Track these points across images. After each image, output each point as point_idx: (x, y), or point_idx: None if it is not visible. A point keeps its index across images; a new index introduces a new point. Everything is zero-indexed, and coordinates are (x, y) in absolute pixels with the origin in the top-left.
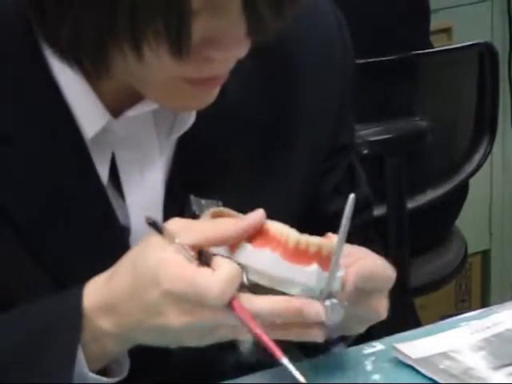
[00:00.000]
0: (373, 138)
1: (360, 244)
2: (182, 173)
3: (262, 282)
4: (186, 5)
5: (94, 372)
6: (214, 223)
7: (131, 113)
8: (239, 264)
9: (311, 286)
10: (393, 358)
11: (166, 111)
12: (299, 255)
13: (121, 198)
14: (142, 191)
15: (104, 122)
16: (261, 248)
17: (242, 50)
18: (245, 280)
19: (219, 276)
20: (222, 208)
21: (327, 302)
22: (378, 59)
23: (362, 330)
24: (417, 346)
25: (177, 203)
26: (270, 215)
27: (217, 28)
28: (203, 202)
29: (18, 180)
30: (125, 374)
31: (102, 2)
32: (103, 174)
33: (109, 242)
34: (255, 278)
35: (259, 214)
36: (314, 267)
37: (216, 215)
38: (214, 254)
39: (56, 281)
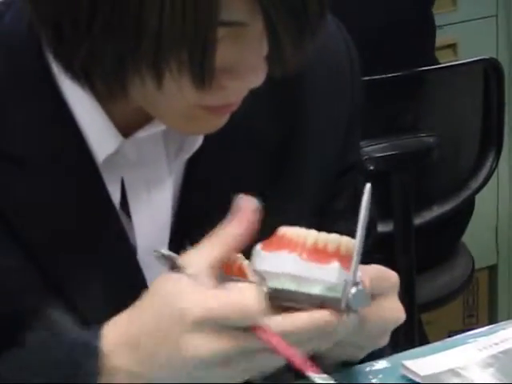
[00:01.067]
0: (379, 155)
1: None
2: (191, 193)
3: (283, 285)
4: (212, 34)
5: None
6: (217, 236)
7: (142, 134)
8: (256, 271)
9: (333, 284)
10: (400, 376)
11: (176, 132)
12: (318, 254)
13: (128, 217)
14: (150, 211)
15: (116, 145)
16: (277, 252)
17: (258, 79)
18: (264, 288)
19: (250, 291)
20: None
21: (353, 289)
22: (384, 76)
23: (384, 342)
24: (425, 363)
25: (185, 224)
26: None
27: (235, 57)
28: None
29: (29, 202)
30: None
31: (127, 28)
32: (115, 195)
33: (121, 263)
34: (275, 284)
35: (249, 200)
36: (335, 264)
37: None
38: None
39: (67, 302)
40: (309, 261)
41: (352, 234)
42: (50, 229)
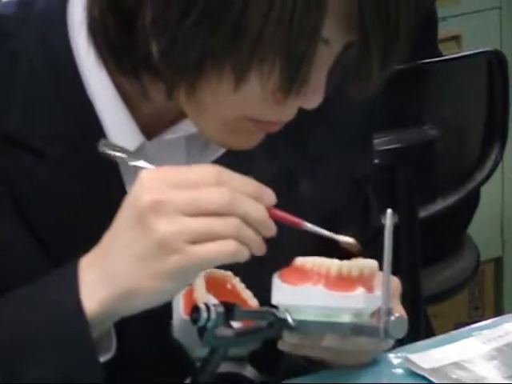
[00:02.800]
0: (383, 148)
1: None
2: None
3: (311, 317)
4: (313, 46)
5: None
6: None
7: (168, 136)
8: (281, 306)
9: (361, 310)
10: (405, 368)
11: (199, 136)
12: (343, 282)
13: None
14: None
15: (138, 144)
16: (302, 285)
17: (317, 101)
18: (290, 321)
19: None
20: (210, 270)
21: (392, 318)
22: None
23: (388, 345)
24: (429, 356)
25: None
26: (295, 245)
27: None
28: None
29: (45, 192)
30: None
31: (225, 25)
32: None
33: None
34: (302, 316)
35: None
36: (360, 290)
37: (208, 278)
38: None
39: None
40: (335, 291)
41: (361, 245)
42: (64, 219)
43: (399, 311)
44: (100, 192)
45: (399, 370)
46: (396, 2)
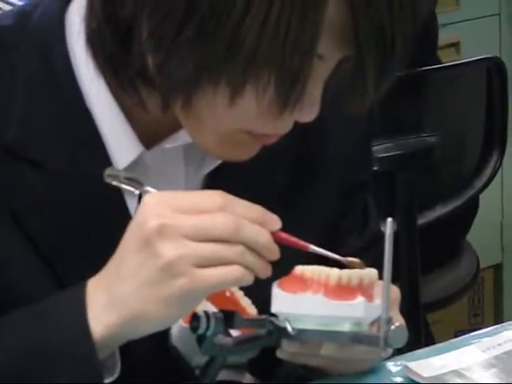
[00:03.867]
0: (382, 155)
1: None
2: None
3: (310, 326)
4: (308, 62)
5: None
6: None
7: (167, 145)
8: (280, 314)
9: (360, 319)
10: (404, 377)
11: (198, 146)
12: (342, 291)
13: None
14: None
15: (136, 154)
16: (301, 293)
17: (313, 115)
18: (290, 330)
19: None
20: None
21: (392, 327)
22: None
23: (387, 353)
24: (428, 364)
25: None
26: (295, 252)
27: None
28: None
29: (44, 204)
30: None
31: (222, 39)
32: (131, 205)
33: None
34: (301, 325)
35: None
36: (360, 299)
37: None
38: None
39: None
40: (334, 299)
41: (359, 253)
42: (62, 232)
43: (399, 320)
44: (99, 204)
45: (398, 379)
46: (390, 19)
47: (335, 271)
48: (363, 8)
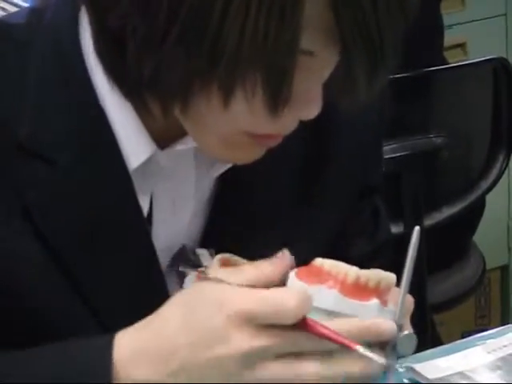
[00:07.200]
0: (389, 156)
1: None
2: (220, 208)
3: (319, 319)
4: (292, 60)
5: None
6: (252, 268)
7: (180, 146)
8: None
9: None
10: (410, 378)
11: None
12: (358, 290)
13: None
14: (171, 222)
15: (149, 153)
16: (317, 285)
17: (314, 111)
18: None
19: (293, 291)
20: (227, 255)
21: (401, 334)
22: (393, 76)
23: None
24: (433, 366)
25: (213, 239)
26: (305, 253)
27: (298, 87)
28: (199, 251)
29: (56, 202)
30: None
31: (204, 46)
32: (144, 204)
33: (143, 268)
34: (312, 317)
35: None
36: (374, 301)
37: (224, 262)
38: None
39: (90, 309)
40: (349, 297)
41: (368, 256)
42: (74, 230)
43: (408, 329)
44: (111, 202)
45: (404, 380)
46: (374, 11)
47: (354, 269)
48: (342, 1)
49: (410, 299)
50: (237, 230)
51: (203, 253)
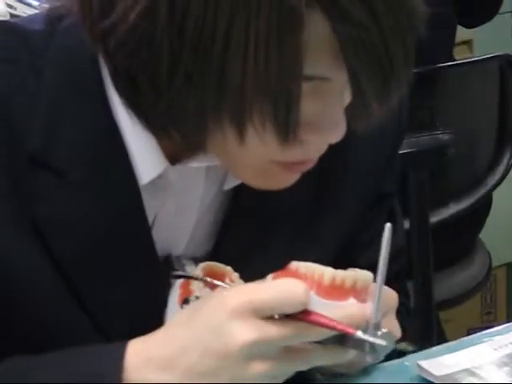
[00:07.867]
0: None
1: None
2: (232, 221)
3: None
4: (296, 88)
5: None
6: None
7: (194, 164)
8: None
9: None
10: (416, 375)
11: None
12: (335, 291)
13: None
14: (171, 234)
15: (161, 170)
16: None
17: (339, 134)
18: None
19: (295, 280)
20: (211, 263)
21: (379, 333)
22: None
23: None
24: (440, 362)
25: (223, 251)
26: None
27: (317, 112)
28: (184, 260)
29: (64, 214)
30: None
31: (209, 82)
32: (151, 218)
33: (148, 282)
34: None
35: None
36: (351, 301)
37: (208, 270)
38: None
39: (95, 322)
40: (326, 299)
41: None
42: (82, 242)
43: (393, 326)
44: (120, 217)
45: (410, 377)
46: (376, 24)
47: (329, 270)
48: (341, 21)
49: (394, 295)
50: (247, 243)
51: (188, 262)
